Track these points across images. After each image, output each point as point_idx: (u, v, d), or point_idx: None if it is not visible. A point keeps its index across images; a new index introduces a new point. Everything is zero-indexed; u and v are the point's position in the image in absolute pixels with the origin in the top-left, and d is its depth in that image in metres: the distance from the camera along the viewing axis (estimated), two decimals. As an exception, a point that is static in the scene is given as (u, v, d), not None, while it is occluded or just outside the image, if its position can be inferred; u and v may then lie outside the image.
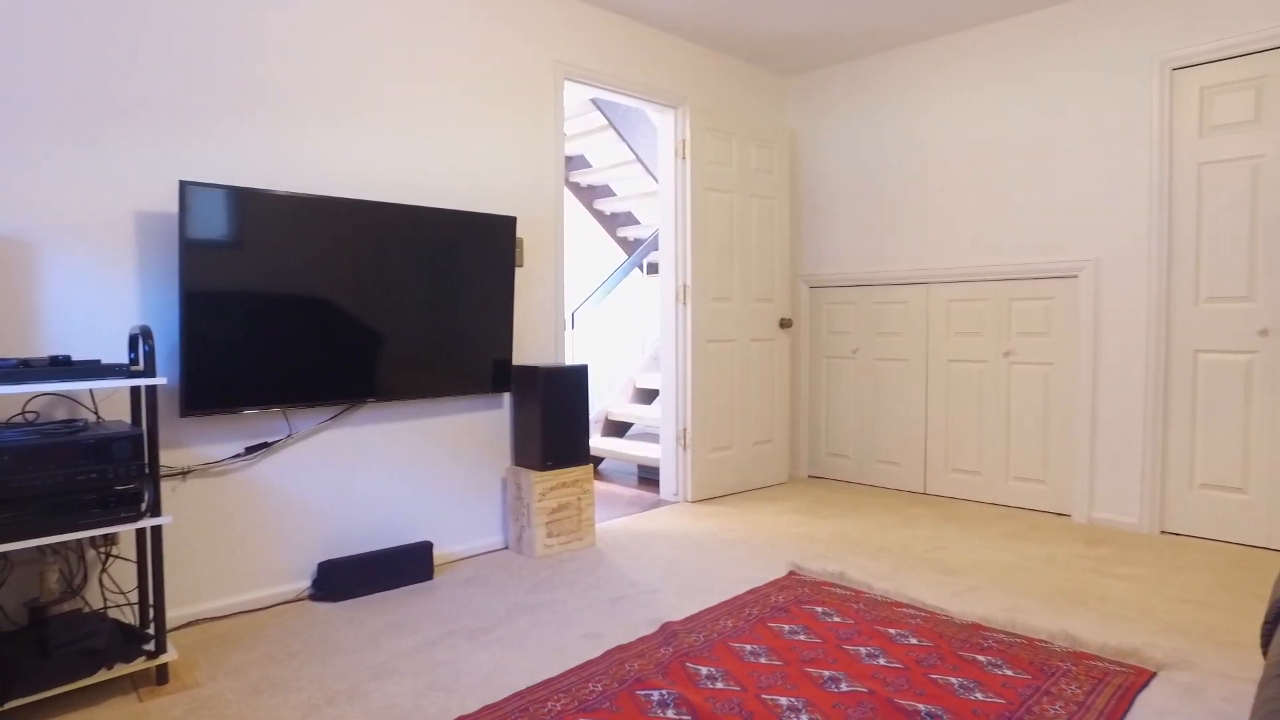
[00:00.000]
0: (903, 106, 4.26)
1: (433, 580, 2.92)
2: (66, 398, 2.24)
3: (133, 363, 2.20)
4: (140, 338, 2.07)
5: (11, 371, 1.84)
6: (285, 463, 2.71)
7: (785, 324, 4.57)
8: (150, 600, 2.21)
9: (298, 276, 2.58)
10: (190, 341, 2.36)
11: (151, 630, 2.09)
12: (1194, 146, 3.35)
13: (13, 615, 2.13)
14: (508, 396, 3.37)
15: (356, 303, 2.73)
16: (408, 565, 2.87)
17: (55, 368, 1.90)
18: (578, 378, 3.30)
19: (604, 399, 5.49)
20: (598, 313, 6.30)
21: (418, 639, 2.37)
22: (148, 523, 2.01)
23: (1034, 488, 3.85)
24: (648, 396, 5.47)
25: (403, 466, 3.02)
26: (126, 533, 2.32)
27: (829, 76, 4.58)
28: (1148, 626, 2.42)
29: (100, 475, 1.93)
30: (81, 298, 2.28)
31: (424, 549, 2.92)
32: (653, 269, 6.17)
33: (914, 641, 2.29)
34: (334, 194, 2.80)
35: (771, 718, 1.85)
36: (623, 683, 2.03)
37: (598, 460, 5.17)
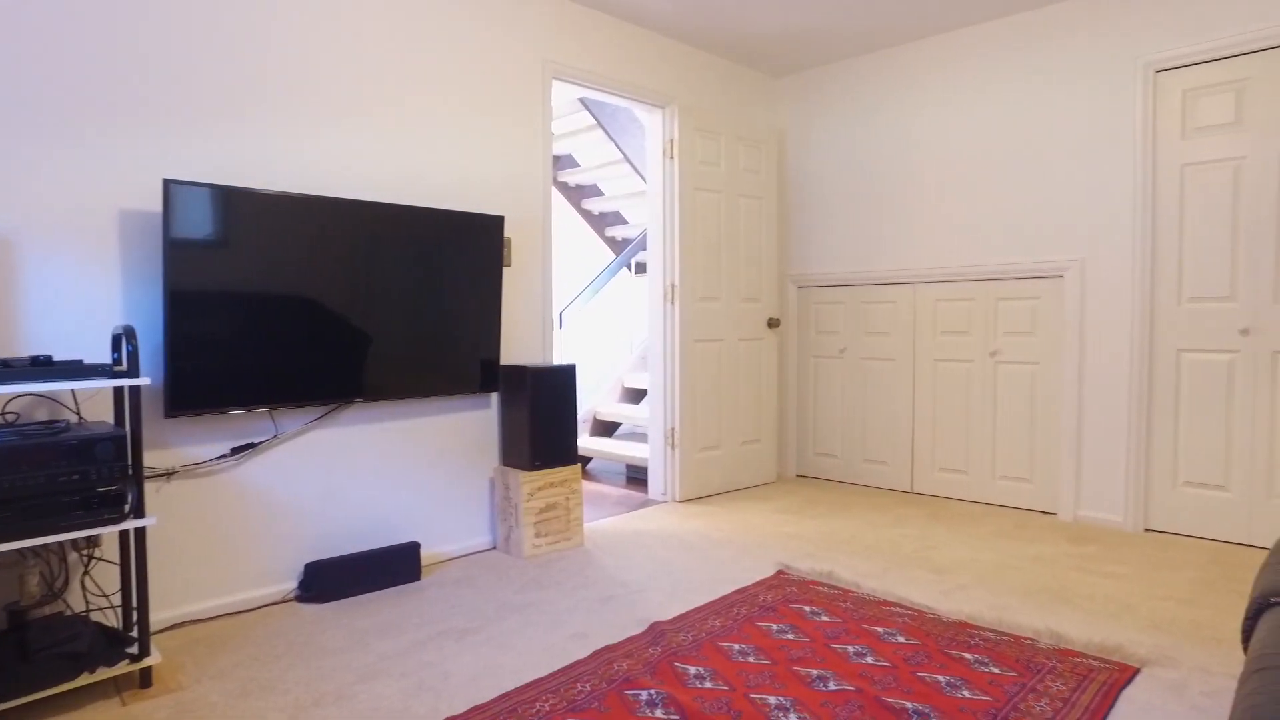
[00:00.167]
0: (890, 107, 4.28)
1: (420, 581, 2.91)
2: (48, 398, 2.21)
3: (116, 363, 2.17)
4: (124, 337, 2.04)
5: (-9, 372, 1.81)
6: (271, 463, 2.69)
7: (773, 324, 4.58)
8: (134, 603, 2.19)
9: (284, 276, 2.56)
10: (175, 341, 2.34)
11: (135, 633, 2.07)
12: (1177, 148, 3.38)
13: (-7, 619, 2.11)
14: (495, 396, 3.36)
15: (343, 302, 2.72)
16: (395, 566, 2.86)
17: (36, 368, 1.88)
18: (566, 377, 3.29)
19: (592, 399, 5.48)
20: (586, 312, 6.29)
21: (405, 640, 2.36)
22: (131, 524, 1.99)
23: (1020, 486, 3.88)
24: (636, 396, 5.47)
25: (390, 467, 3.01)
26: (110, 535, 2.30)
27: (816, 77, 4.60)
28: (1132, 623, 2.44)
29: (82, 476, 1.90)
30: (64, 297, 2.26)
31: (412, 549, 2.90)
32: (641, 269, 6.17)
33: (902, 640, 2.30)
34: (321, 193, 2.78)
35: (760, 717, 1.86)
36: (611, 683, 2.03)
37: (586, 460, 5.17)
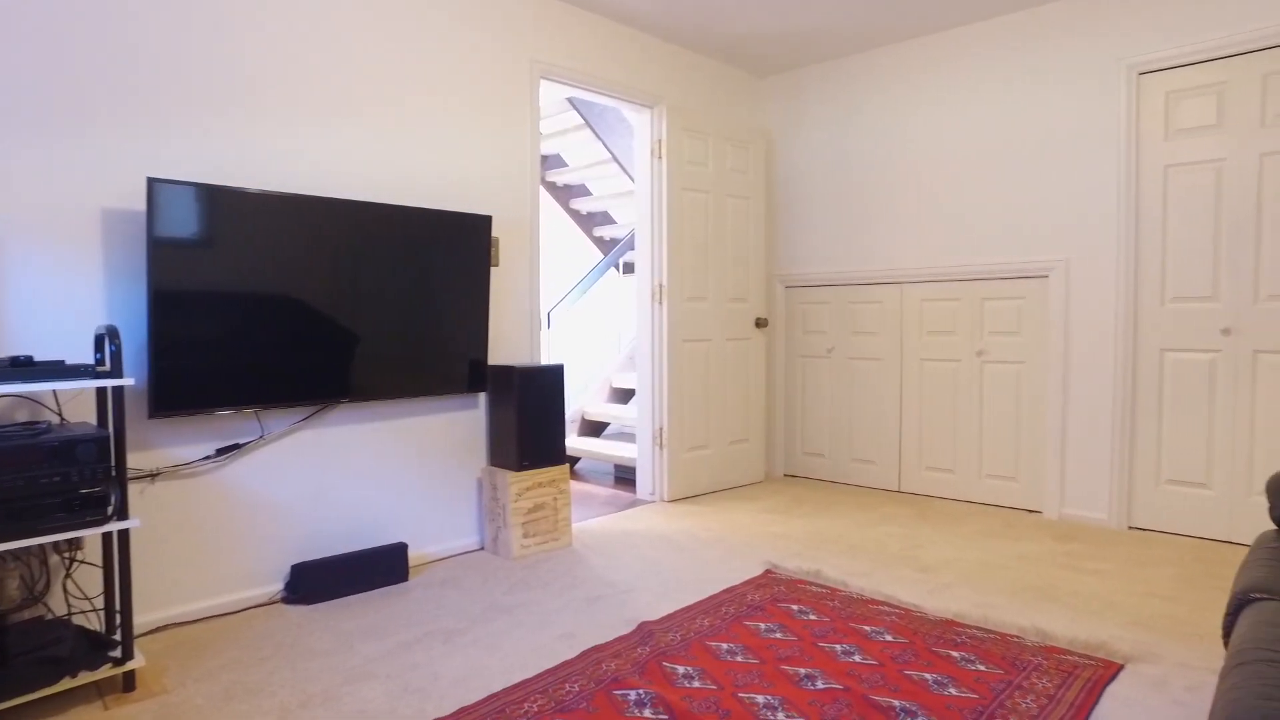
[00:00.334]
0: (876, 108, 4.30)
1: (408, 582, 2.89)
2: (28, 399, 2.18)
3: (99, 363, 2.15)
4: (106, 338, 2.02)
5: (-29, 372, 1.79)
6: (257, 464, 2.67)
7: (761, 323, 4.59)
8: (117, 605, 2.16)
9: (270, 275, 2.55)
10: (159, 341, 2.32)
11: (118, 636, 2.05)
12: (1160, 149, 3.42)
13: (-27, 622, 2.08)
14: (483, 396, 3.35)
15: (330, 302, 2.70)
16: (382, 567, 2.84)
17: (16, 368, 1.86)
18: (554, 377, 3.29)
19: (580, 398, 5.48)
20: (574, 312, 6.29)
21: (392, 641, 2.35)
22: (114, 526, 1.97)
23: (1006, 485, 3.91)
24: (624, 396, 5.47)
25: (377, 467, 2.99)
26: (92, 537, 2.27)
27: (804, 77, 4.61)
28: (1116, 620, 2.46)
29: (64, 478, 1.88)
30: (45, 297, 2.23)
31: (399, 550, 2.89)
32: (629, 268, 6.17)
33: (889, 638, 2.31)
34: (307, 192, 2.76)
35: (748, 716, 1.86)
36: (599, 683, 2.03)
37: (574, 460, 5.16)
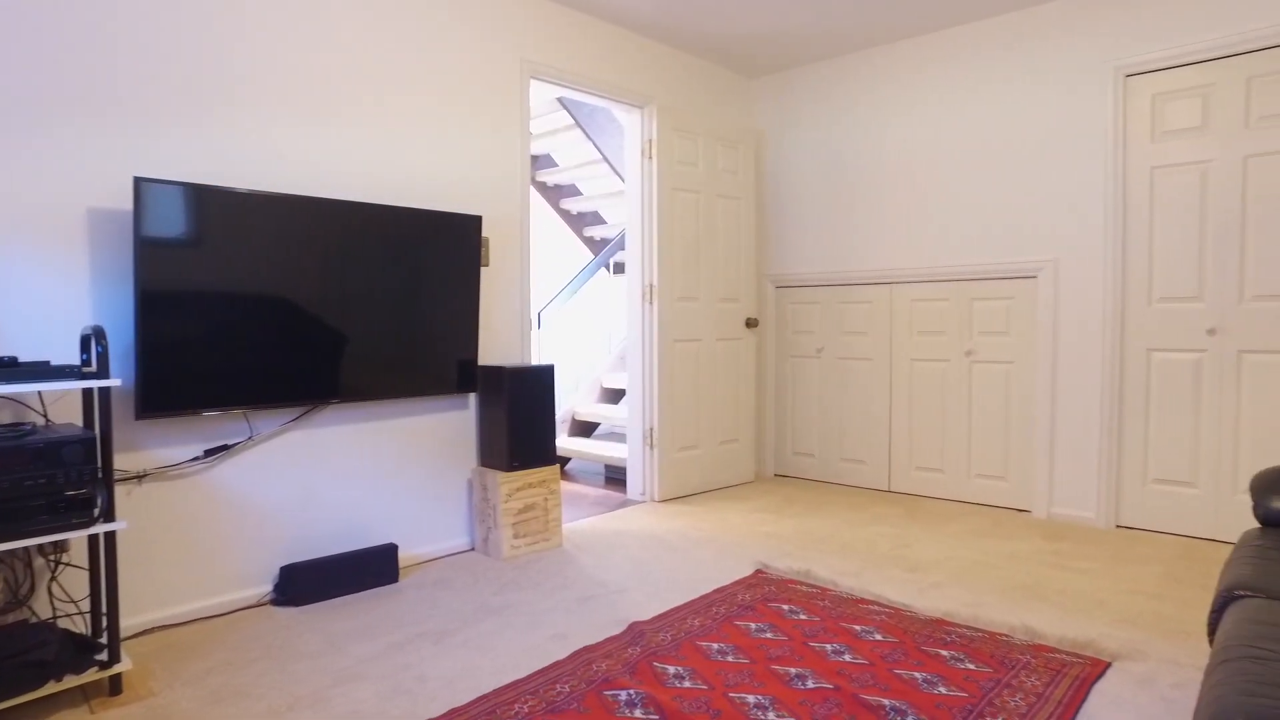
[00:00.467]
0: (867, 108, 4.32)
1: (398, 583, 2.88)
2: (13, 401, 2.16)
3: (85, 364, 2.13)
4: (93, 338, 2.00)
5: (-46, 373, 1.77)
6: (246, 465, 2.65)
7: (751, 323, 4.60)
8: (103, 608, 2.15)
9: (258, 276, 2.53)
10: (146, 342, 2.30)
11: (104, 639, 2.03)
12: (1146, 151, 3.44)
13: (-43, 626, 2.06)
14: (473, 397, 3.34)
15: (319, 302, 2.69)
16: (372, 568, 2.83)
17: (1, 369, 1.84)
18: (544, 377, 3.28)
19: (571, 399, 5.47)
20: (564, 312, 6.28)
21: (382, 643, 2.34)
22: (100, 528, 1.95)
23: (996, 484, 3.93)
24: (614, 396, 5.47)
25: (367, 468, 2.98)
26: (78, 539, 2.25)
27: (794, 78, 4.62)
28: (1103, 618, 2.48)
29: (49, 480, 1.86)
30: (29, 297, 2.21)
31: (389, 551, 2.88)
32: (619, 269, 6.17)
33: (879, 638, 2.32)
34: (297, 192, 2.75)
35: (739, 716, 1.86)
36: (590, 683, 2.03)
37: (564, 460, 5.15)
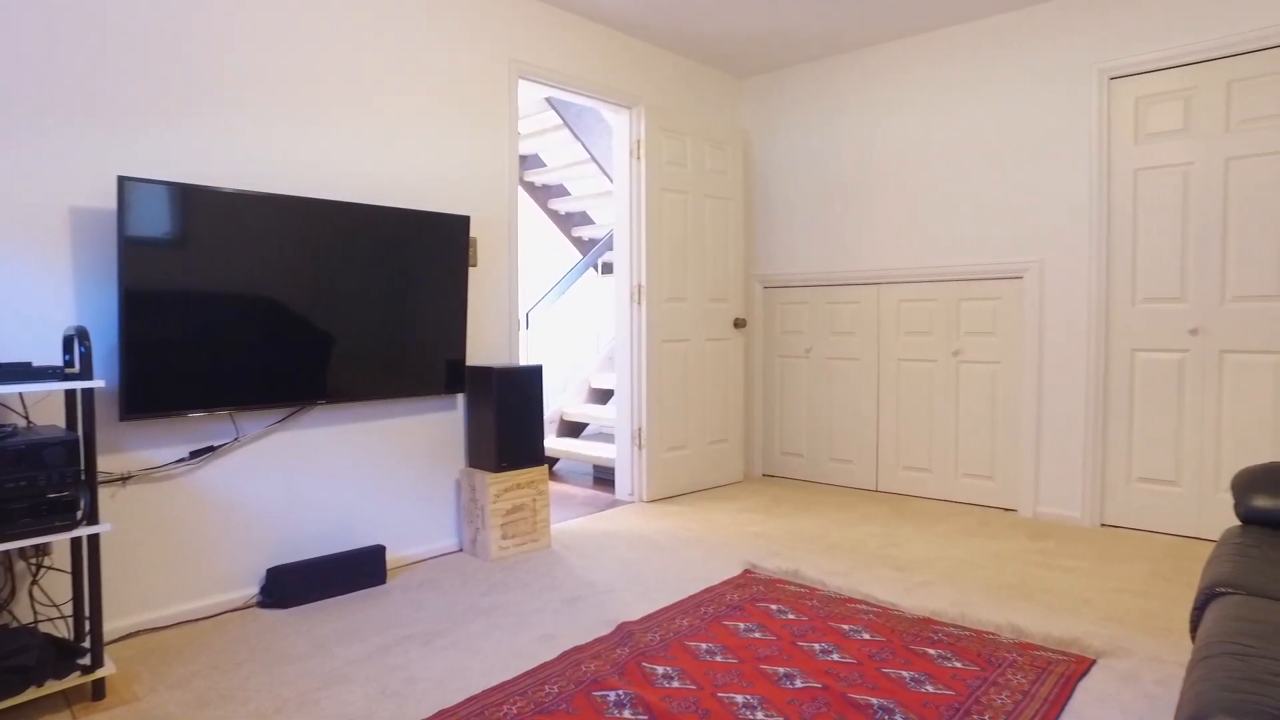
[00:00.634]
0: (854, 109, 4.34)
1: (386, 584, 2.87)
2: (-5, 402, 2.14)
3: (68, 365, 2.11)
4: (75, 339, 1.98)
5: (-66, 374, 1.75)
6: (232, 467, 2.63)
7: (739, 324, 4.61)
8: (86, 612, 2.12)
9: (244, 276, 2.51)
10: (130, 342, 2.28)
11: (87, 643, 2.01)
12: (1130, 153, 3.48)
13: (-64, 630, 2.03)
14: (461, 397, 3.33)
15: (306, 303, 2.67)
16: (360, 569, 2.82)
17: (-18, 370, 1.82)
18: (532, 378, 3.28)
19: (559, 399, 5.46)
20: (552, 313, 6.27)
21: (370, 645, 2.33)
22: (83, 531, 1.93)
23: (982, 484, 3.96)
24: (603, 396, 5.46)
25: (354, 469, 2.96)
26: (61, 542, 2.23)
27: (782, 79, 4.64)
28: (1088, 616, 2.50)
29: (30, 483, 1.84)
30: (11, 297, 2.18)
31: (376, 553, 2.87)
32: (608, 269, 6.16)
33: (867, 637, 2.33)
34: (283, 191, 2.73)
35: (728, 715, 1.87)
36: (579, 684, 2.03)
37: (553, 461, 5.15)
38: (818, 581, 2.83)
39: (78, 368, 1.99)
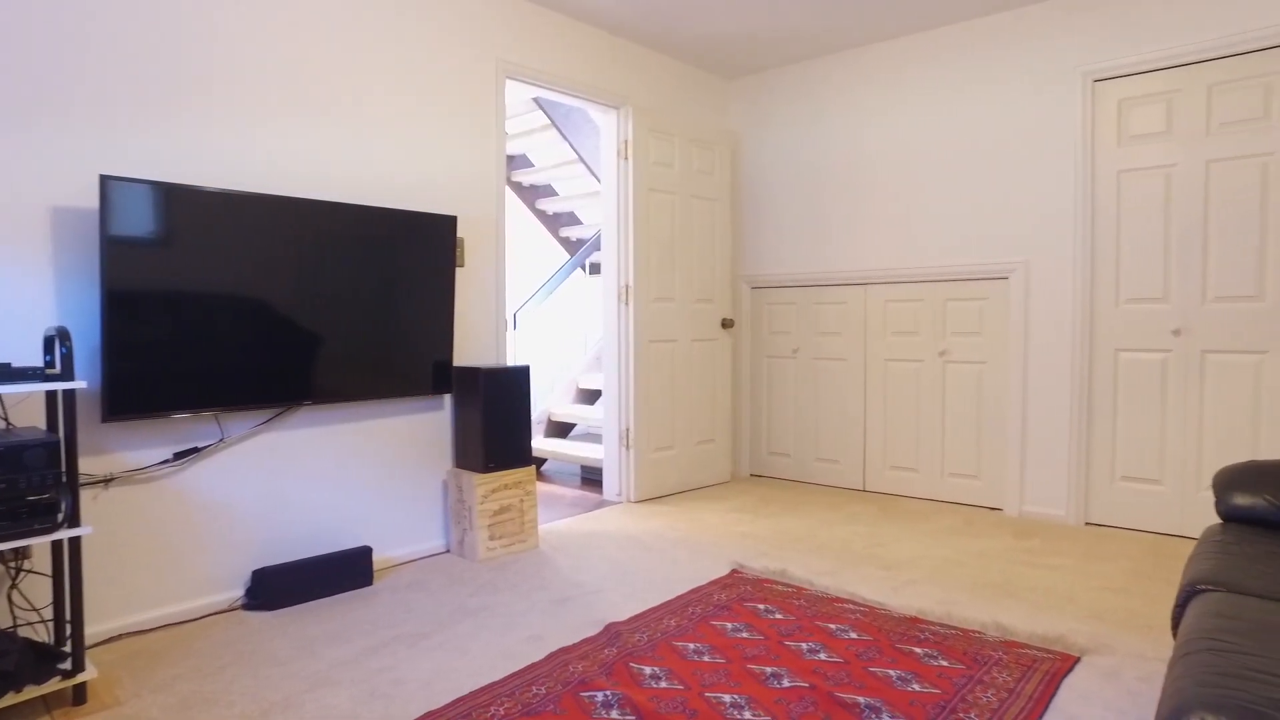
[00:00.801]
0: (841, 111, 4.35)
1: (373, 586, 2.85)
2: (-26, 403, 2.11)
3: (48, 365, 2.08)
4: (57, 339, 1.96)
5: (-89, 375, 1.72)
6: (217, 468, 2.61)
7: (727, 324, 4.62)
8: (67, 615, 2.10)
9: (229, 276, 2.49)
10: (113, 343, 2.25)
11: (68, 648, 1.99)
12: (1114, 155, 3.51)
13: (-86, 635, 2.00)
14: (448, 398, 3.31)
15: (292, 303, 2.65)
16: (346, 571, 2.80)
17: (-39, 371, 1.79)
18: (519, 378, 3.27)
19: (546, 400, 5.45)
20: (540, 313, 6.26)
21: (356, 646, 2.31)
22: (64, 534, 1.91)
23: (968, 483, 3.98)
24: (590, 397, 5.46)
25: (341, 470, 2.94)
26: (41, 546, 2.20)
27: (769, 80, 4.65)
28: (1072, 614, 2.52)
29: (10, 485, 1.82)
30: (-10, 297, 2.16)
31: (363, 554, 2.85)
32: (595, 269, 6.16)
33: (854, 636, 2.34)
34: (268, 191, 2.71)
35: (715, 715, 1.87)
36: (566, 684, 2.02)
37: (540, 461, 5.14)
38: (805, 581, 2.84)
39: (59, 368, 1.97)
